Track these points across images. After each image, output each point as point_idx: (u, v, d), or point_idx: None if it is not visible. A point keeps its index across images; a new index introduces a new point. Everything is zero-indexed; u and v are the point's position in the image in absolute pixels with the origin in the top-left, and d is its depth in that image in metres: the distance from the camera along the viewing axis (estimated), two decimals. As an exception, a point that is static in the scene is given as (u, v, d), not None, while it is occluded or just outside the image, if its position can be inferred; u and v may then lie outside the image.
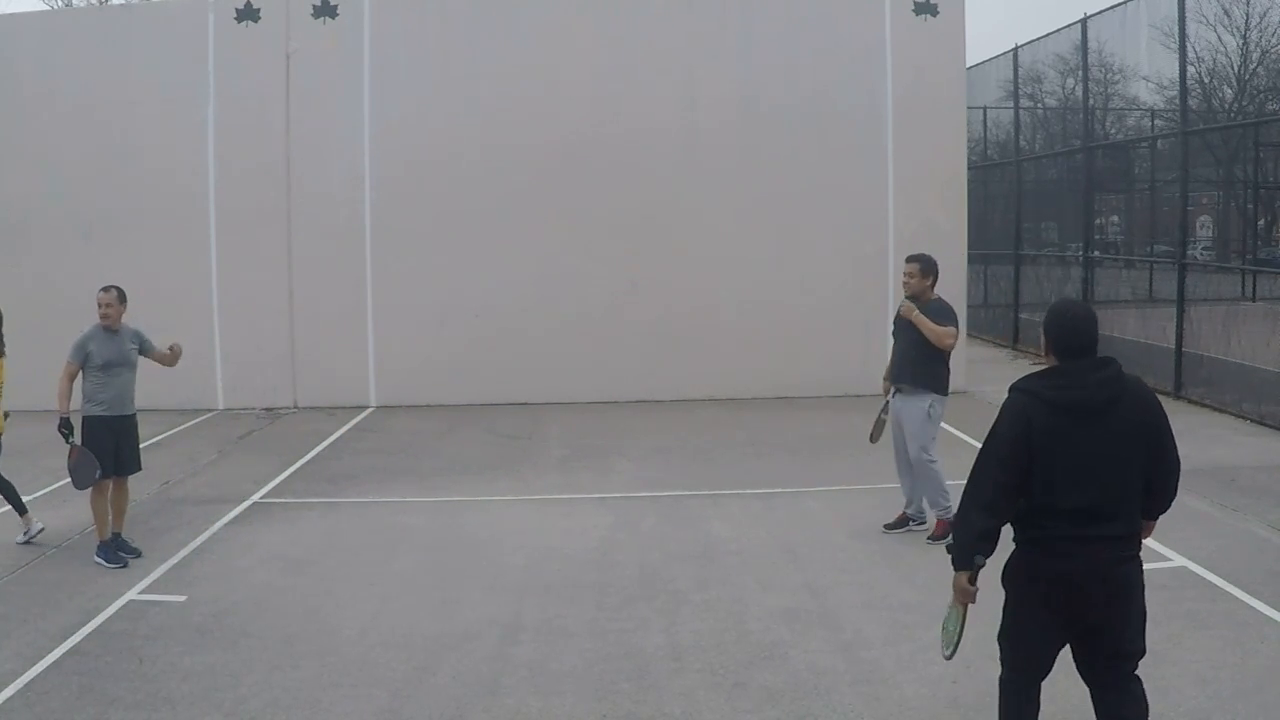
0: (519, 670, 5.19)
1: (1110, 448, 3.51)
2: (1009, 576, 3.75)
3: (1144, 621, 3.68)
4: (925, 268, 7.27)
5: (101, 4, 24.08)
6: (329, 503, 8.51)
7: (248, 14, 12.73)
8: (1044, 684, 4.87)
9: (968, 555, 3.70)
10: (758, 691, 4.90)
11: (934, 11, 12.93)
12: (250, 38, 12.73)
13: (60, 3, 27.59)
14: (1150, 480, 3.60)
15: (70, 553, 7.13)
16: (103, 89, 12.73)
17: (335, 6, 12.75)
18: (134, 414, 7.16)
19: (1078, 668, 3.81)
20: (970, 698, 4.79)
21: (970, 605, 3.82)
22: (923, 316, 7.09)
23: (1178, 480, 3.70)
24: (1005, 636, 3.84)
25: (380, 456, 10.21)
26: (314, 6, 12.73)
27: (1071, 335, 3.60)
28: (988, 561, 3.71)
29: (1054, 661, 3.80)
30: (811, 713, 4.69)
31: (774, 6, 12.99)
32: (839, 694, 4.86)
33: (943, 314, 7.17)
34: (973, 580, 3.73)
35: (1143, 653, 3.70)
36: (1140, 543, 3.66)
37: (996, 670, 5.06)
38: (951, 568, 3.79)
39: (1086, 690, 3.84)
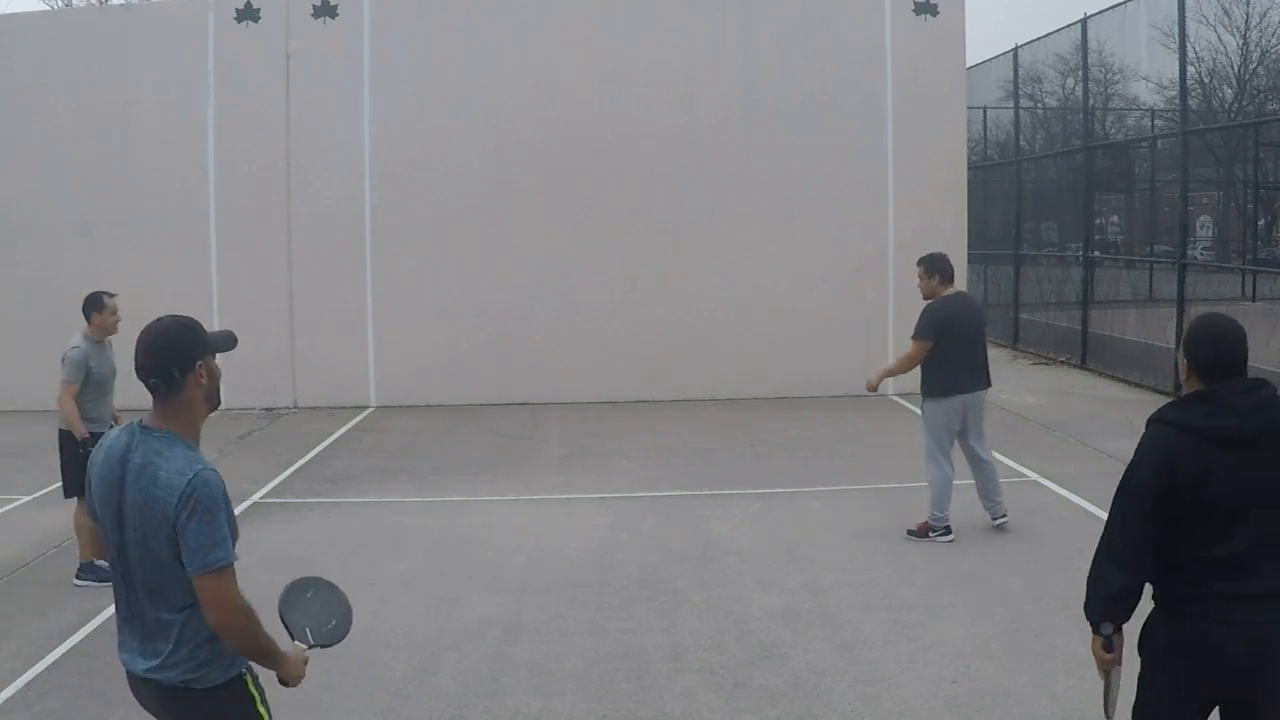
0: (519, 670, 5.19)
1: (1268, 484, 2.94)
2: (1145, 644, 3.12)
3: None
4: (927, 269, 7.28)
5: (101, 4, 24.08)
6: (329, 503, 8.51)
7: (248, 14, 12.73)
8: (1042, 683, 4.89)
9: (1097, 616, 3.10)
10: (758, 691, 4.90)
11: (934, 11, 12.93)
12: (250, 38, 12.72)
13: (60, 3, 27.61)
14: None
15: (70, 553, 7.12)
16: (103, 89, 12.72)
17: (335, 6, 12.74)
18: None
19: None
20: (970, 698, 4.79)
21: (1118, 668, 3.15)
22: (885, 375, 7.58)
23: None
24: (1139, 715, 3.16)
25: (380, 456, 10.21)
26: (314, 6, 12.73)
27: (1216, 351, 3.07)
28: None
29: None
30: (811, 713, 4.69)
31: (774, 6, 12.99)
32: (839, 694, 4.86)
33: (918, 322, 7.25)
34: (1108, 647, 3.09)
35: None
36: None
37: (995, 670, 5.07)
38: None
39: (1087, 690, 3.83)
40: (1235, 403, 3.00)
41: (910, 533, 7.18)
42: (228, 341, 2.99)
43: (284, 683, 2.91)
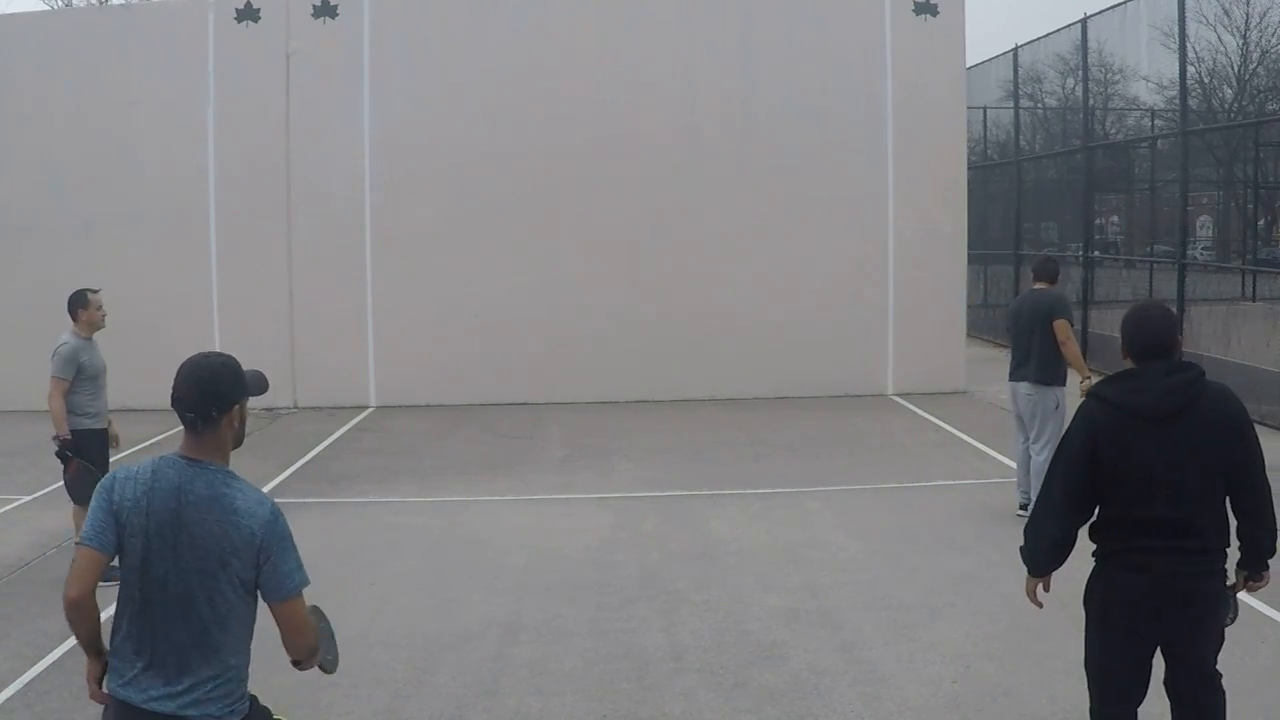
0: (519, 670, 5.19)
1: (1181, 456, 3.33)
2: (1087, 596, 3.60)
3: (1218, 643, 3.52)
4: (1035, 274, 7.77)
5: (101, 4, 24.08)
6: (329, 503, 8.51)
7: (248, 14, 12.73)
8: (1042, 683, 4.89)
9: (1034, 565, 3.64)
10: (758, 691, 4.90)
11: (934, 11, 12.93)
12: (250, 38, 12.73)
13: (60, 3, 27.61)
14: (1234, 501, 3.43)
15: (70, 553, 7.13)
16: (103, 89, 12.72)
17: (335, 6, 12.75)
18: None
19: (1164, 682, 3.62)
20: (970, 698, 4.79)
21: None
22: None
23: (1271, 508, 3.45)
24: (1090, 661, 3.62)
25: (380, 456, 10.21)
26: (314, 6, 12.73)
27: (1140, 334, 3.47)
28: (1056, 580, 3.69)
29: (1146, 686, 3.56)
30: (811, 713, 4.69)
31: (774, 7, 12.99)
32: (839, 694, 4.86)
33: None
34: (1046, 587, 3.68)
35: (1213, 674, 3.53)
36: (1223, 561, 3.44)
37: (995, 670, 5.08)
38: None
39: (1086, 690, 3.84)
40: (1154, 382, 3.39)
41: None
42: (261, 386, 3.06)
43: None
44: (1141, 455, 3.35)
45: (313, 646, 2.87)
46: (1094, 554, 3.55)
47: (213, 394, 2.81)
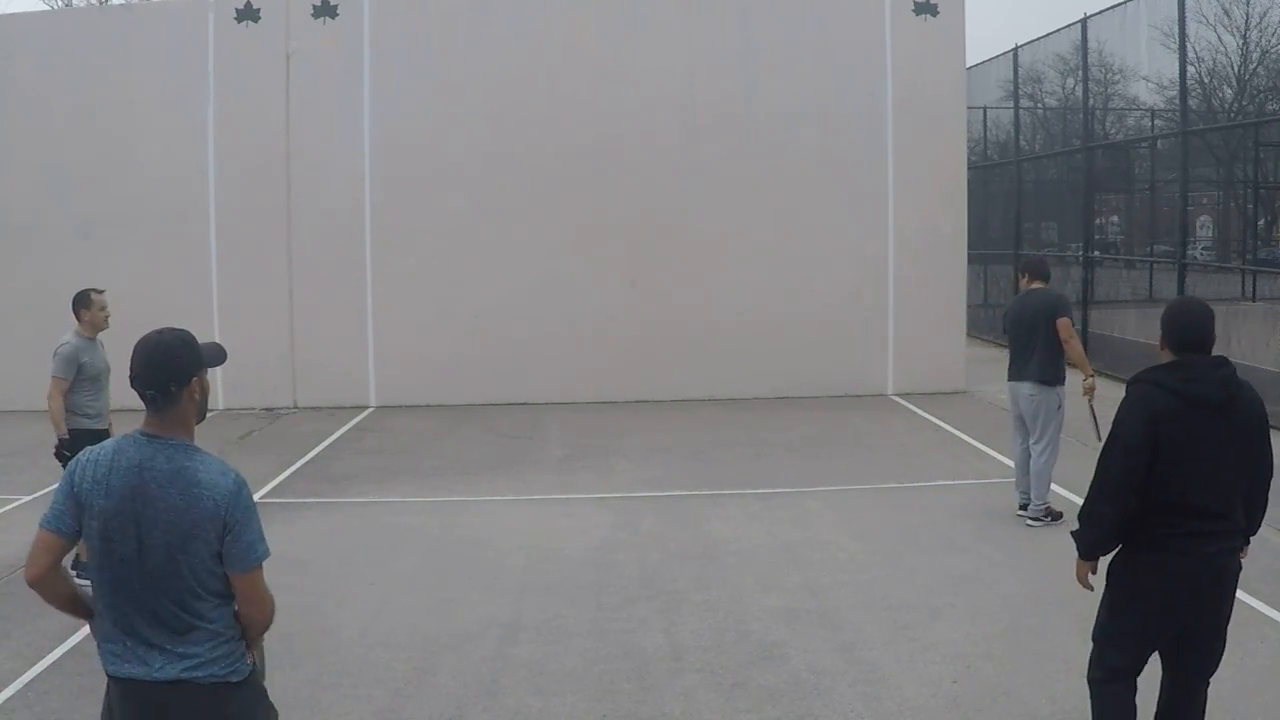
0: (519, 670, 5.19)
1: (1227, 446, 3.55)
2: (1120, 575, 3.71)
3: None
4: (1020, 269, 7.88)
5: (101, 4, 24.08)
6: (329, 503, 8.51)
7: (248, 14, 12.73)
8: (1042, 683, 4.89)
9: (1089, 550, 3.75)
10: (758, 691, 4.90)
11: (934, 12, 12.93)
12: (250, 38, 12.72)
13: (60, 3, 27.60)
14: (1249, 486, 3.66)
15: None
16: (103, 89, 12.71)
17: (335, 6, 12.74)
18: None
19: (1163, 666, 3.81)
20: (970, 698, 4.79)
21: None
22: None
23: (1268, 494, 3.73)
24: (1107, 638, 3.78)
25: (380, 456, 10.21)
26: (314, 6, 12.72)
27: (1190, 329, 3.63)
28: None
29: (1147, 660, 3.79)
30: (811, 713, 4.69)
31: (774, 8, 12.99)
32: (839, 694, 4.86)
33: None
34: (1094, 571, 3.79)
35: (1222, 648, 3.74)
36: (1241, 540, 3.71)
37: (995, 670, 5.08)
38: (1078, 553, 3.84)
39: (1087, 690, 3.85)
40: (1208, 374, 3.57)
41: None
42: (218, 357, 3.08)
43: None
44: (1197, 443, 3.51)
45: (268, 620, 2.91)
46: (1131, 537, 3.65)
47: (170, 369, 2.83)
